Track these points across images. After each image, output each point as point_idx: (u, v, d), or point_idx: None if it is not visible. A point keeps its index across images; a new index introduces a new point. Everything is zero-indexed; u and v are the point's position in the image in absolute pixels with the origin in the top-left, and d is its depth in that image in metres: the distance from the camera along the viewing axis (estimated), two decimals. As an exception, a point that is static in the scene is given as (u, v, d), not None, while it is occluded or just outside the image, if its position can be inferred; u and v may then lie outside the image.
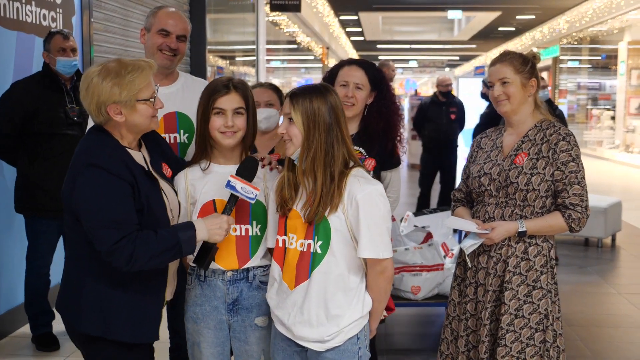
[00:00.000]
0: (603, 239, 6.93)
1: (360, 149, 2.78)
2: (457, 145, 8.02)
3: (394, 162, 2.88)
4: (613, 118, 18.26)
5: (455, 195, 2.85)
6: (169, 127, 2.72)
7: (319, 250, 2.10)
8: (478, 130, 7.54)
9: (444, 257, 4.36)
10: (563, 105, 20.23)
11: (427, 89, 37.38)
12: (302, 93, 2.13)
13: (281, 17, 15.74)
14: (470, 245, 2.57)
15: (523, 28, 24.11)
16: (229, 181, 2.15)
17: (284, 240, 2.17)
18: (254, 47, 12.15)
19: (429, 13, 20.91)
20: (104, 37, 5.78)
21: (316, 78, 27.96)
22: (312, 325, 2.11)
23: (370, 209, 2.07)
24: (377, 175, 2.81)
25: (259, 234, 2.30)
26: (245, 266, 2.30)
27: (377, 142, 2.83)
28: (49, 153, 3.93)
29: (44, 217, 4.01)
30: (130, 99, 2.05)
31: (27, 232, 4.13)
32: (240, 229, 2.28)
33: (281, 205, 2.17)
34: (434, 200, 8.06)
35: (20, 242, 4.40)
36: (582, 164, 2.55)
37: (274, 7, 12.74)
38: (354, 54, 35.94)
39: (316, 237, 2.10)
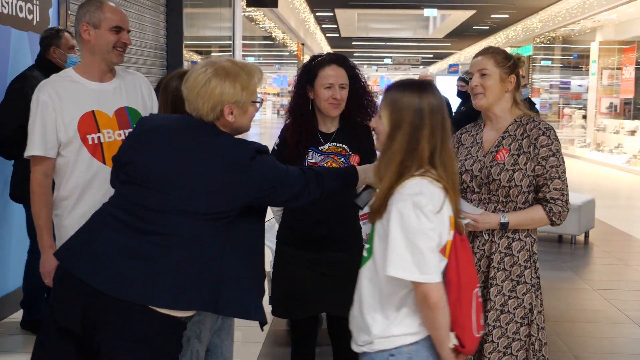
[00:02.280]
0: (577, 236, 7.04)
1: (344, 146, 2.78)
2: None
3: (374, 157, 2.83)
4: (584, 117, 18.56)
5: None
6: (122, 122, 2.68)
7: (365, 254, 2.05)
8: (453, 129, 7.61)
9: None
10: (536, 104, 20.48)
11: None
12: (396, 87, 2.05)
13: (257, 13, 15.72)
14: None
15: (497, 27, 24.38)
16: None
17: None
18: (230, 42, 12.11)
19: (405, 11, 21.03)
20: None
21: (291, 74, 27.95)
22: (356, 327, 2.07)
23: (402, 222, 1.88)
24: None
25: None
26: None
27: (360, 136, 2.82)
28: None
29: None
30: (247, 100, 2.12)
31: (28, 222, 4.13)
32: None
33: None
34: None
35: (11, 231, 4.50)
36: (562, 158, 2.56)
37: (251, 3, 12.72)
38: (329, 50, 36.01)
39: (368, 240, 2.05)
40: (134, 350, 1.95)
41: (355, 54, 39.18)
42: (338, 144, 2.79)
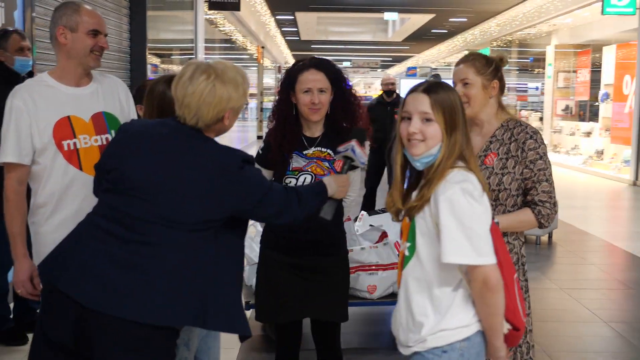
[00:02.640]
0: (541, 236, 7.17)
1: (328, 150, 2.77)
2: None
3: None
4: (541, 119, 18.93)
5: None
6: (99, 128, 2.63)
7: (406, 253, 2.02)
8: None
9: (398, 255, 4.42)
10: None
11: (360, 89, 37.75)
12: (440, 89, 2.04)
13: (218, 16, 15.59)
14: None
15: (455, 30, 24.70)
16: (352, 145, 2.42)
17: (401, 242, 2.13)
18: (192, 45, 12.01)
19: (364, 14, 21.16)
20: (44, 33, 5.59)
21: (251, 77, 27.84)
22: (403, 329, 2.03)
23: (453, 209, 1.88)
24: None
25: None
26: None
27: (341, 143, 2.73)
28: None
29: None
30: (242, 104, 2.16)
31: None
32: None
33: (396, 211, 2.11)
34: (380, 200, 8.15)
35: None
36: (549, 161, 2.59)
37: (213, 5, 12.64)
38: (288, 54, 36.01)
39: (407, 238, 2.02)
40: (120, 355, 1.93)
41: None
42: (322, 149, 2.78)
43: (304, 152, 2.76)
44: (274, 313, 2.78)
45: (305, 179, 2.73)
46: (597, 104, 15.42)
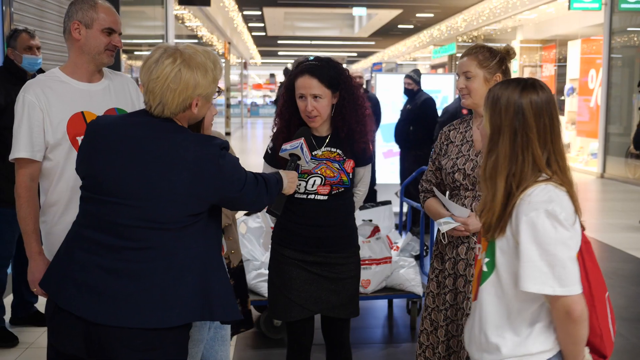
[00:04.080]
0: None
1: (338, 151, 2.77)
2: (373, 139, 8.13)
3: (367, 160, 2.85)
4: (508, 112, 19.19)
5: (423, 185, 2.89)
6: None
7: (484, 268, 1.91)
8: (399, 126, 7.73)
9: (390, 250, 4.47)
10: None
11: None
12: (499, 85, 1.92)
13: (184, 11, 15.46)
14: (444, 222, 2.64)
15: (422, 26, 24.91)
16: (301, 144, 2.53)
17: (479, 249, 2.02)
18: (162, 40, 11.90)
19: (333, 9, 21.20)
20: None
21: (217, 73, 27.79)
22: (477, 347, 1.95)
23: (534, 234, 1.75)
24: (354, 173, 2.83)
25: None
26: None
27: (350, 143, 2.79)
28: None
29: (9, 207, 3.88)
30: (213, 90, 2.07)
31: None
32: None
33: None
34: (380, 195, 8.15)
35: None
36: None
37: (182, 1, 12.54)
38: (254, 50, 35.90)
39: (486, 252, 1.91)
40: None
41: (279, 53, 39.20)
42: (332, 149, 2.77)
43: (314, 153, 2.74)
44: (287, 311, 2.78)
45: (314, 181, 2.73)
46: (562, 98, 15.71)
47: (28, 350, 4.08)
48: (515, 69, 18.48)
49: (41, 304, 4.53)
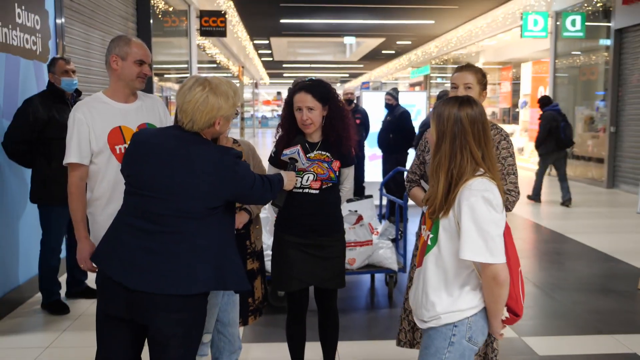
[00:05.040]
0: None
1: (327, 153, 2.83)
2: (363, 145, 8.25)
3: (349, 162, 2.91)
4: (473, 123, 19.18)
5: (409, 177, 2.91)
6: None
7: (428, 242, 2.00)
8: (382, 134, 7.82)
9: (372, 235, 4.55)
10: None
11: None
12: (441, 103, 2.01)
13: (205, 41, 15.53)
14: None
15: (401, 51, 24.91)
16: (297, 150, 2.66)
17: (423, 229, 2.10)
18: (187, 66, 11.97)
19: (327, 38, 21.22)
20: (72, 57, 5.61)
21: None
22: (419, 305, 2.04)
23: (473, 215, 1.85)
24: (340, 172, 2.88)
25: None
26: None
27: (336, 147, 2.86)
28: (62, 154, 3.89)
29: (58, 205, 4.08)
30: (232, 113, 2.16)
31: (43, 219, 4.18)
32: None
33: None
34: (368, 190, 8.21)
35: (31, 227, 4.53)
36: (515, 157, 2.66)
37: (204, 33, 12.61)
38: (263, 72, 35.86)
39: (431, 230, 2.01)
40: (175, 322, 2.02)
41: (284, 74, 39.16)
42: (322, 152, 2.83)
43: (307, 155, 2.80)
44: (287, 283, 2.84)
45: (308, 177, 2.79)
46: (517, 110, 15.77)
47: (80, 317, 4.17)
48: (479, 87, 18.51)
49: (90, 280, 4.64)
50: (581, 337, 3.85)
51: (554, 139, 8.77)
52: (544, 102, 9.07)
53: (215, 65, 19.25)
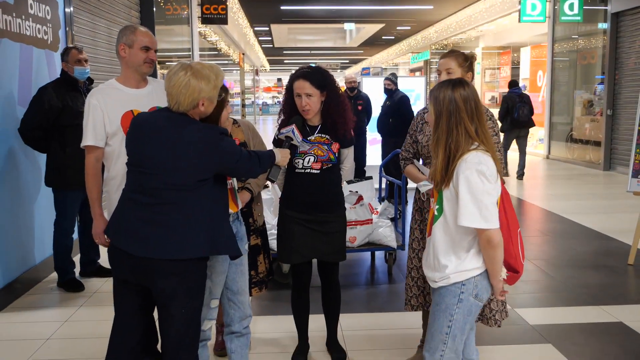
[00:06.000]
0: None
1: (327, 136, 2.97)
2: (365, 131, 8.39)
3: (348, 142, 3.05)
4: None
5: (403, 155, 3.05)
6: None
7: (436, 213, 2.21)
8: (381, 119, 7.97)
9: (371, 214, 4.74)
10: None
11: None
12: (436, 87, 2.21)
13: (206, 29, 15.61)
14: (423, 184, 2.84)
15: (401, 37, 24.89)
16: (292, 128, 2.78)
17: (432, 201, 2.28)
18: (189, 53, 12.10)
19: (328, 25, 21.24)
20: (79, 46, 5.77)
21: (234, 79, 27.75)
22: (430, 269, 2.25)
23: (468, 186, 2.05)
24: (339, 153, 3.02)
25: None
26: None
27: (334, 130, 2.99)
28: (75, 140, 4.05)
29: (72, 189, 4.27)
30: (215, 94, 2.29)
31: (57, 202, 4.36)
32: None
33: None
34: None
35: (45, 210, 4.72)
36: (499, 136, 2.82)
37: (205, 20, 12.71)
38: (264, 59, 35.83)
39: (437, 201, 2.20)
40: (175, 284, 2.21)
41: (285, 61, 39.15)
42: (322, 135, 2.97)
43: (308, 138, 2.95)
44: (291, 256, 3.00)
45: (309, 159, 2.94)
46: (516, 94, 15.85)
47: (94, 295, 4.37)
48: (478, 71, 18.57)
49: (103, 260, 4.84)
50: (570, 309, 4.05)
51: (510, 118, 9.93)
52: (510, 85, 10.38)
53: (216, 52, 19.34)
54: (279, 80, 44.59)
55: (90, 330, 3.73)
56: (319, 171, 2.96)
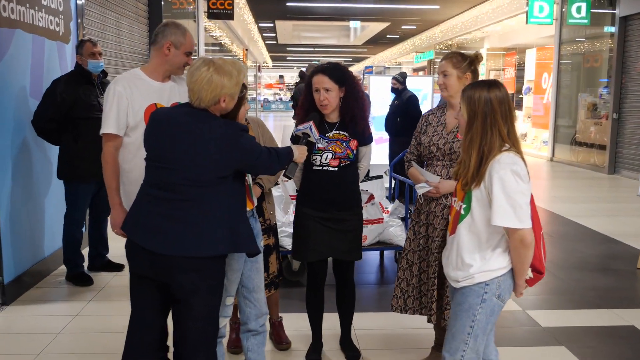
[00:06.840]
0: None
1: (345, 133, 2.97)
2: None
3: (367, 140, 3.06)
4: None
5: (407, 157, 3.07)
6: None
7: (462, 212, 2.21)
8: (389, 118, 7.96)
9: (382, 213, 4.72)
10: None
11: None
12: (470, 87, 2.20)
13: (210, 24, 15.58)
14: (421, 186, 2.87)
15: (406, 36, 24.88)
16: (310, 125, 2.76)
17: (454, 200, 2.30)
18: (195, 48, 12.08)
19: (333, 22, 21.22)
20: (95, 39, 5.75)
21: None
22: (453, 268, 2.25)
23: (503, 186, 2.06)
24: (357, 151, 3.02)
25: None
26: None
27: (353, 127, 2.99)
28: (88, 133, 4.06)
29: (84, 182, 4.28)
30: (236, 91, 2.26)
31: (68, 194, 4.36)
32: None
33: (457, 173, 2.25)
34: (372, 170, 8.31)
35: (55, 203, 4.71)
36: None
37: (211, 15, 12.69)
38: (267, 56, 35.81)
39: (464, 200, 2.20)
40: (196, 280, 2.19)
41: (288, 58, 39.13)
42: (340, 132, 2.97)
43: (327, 135, 2.94)
44: (307, 254, 2.99)
45: (327, 156, 2.93)
46: (521, 96, 15.84)
47: (103, 289, 4.35)
48: (483, 72, 18.54)
49: (112, 255, 4.83)
50: (582, 311, 4.05)
51: None
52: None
53: (219, 47, 19.30)
54: (281, 77, 44.56)
55: (101, 325, 3.72)
56: (336, 168, 2.95)
